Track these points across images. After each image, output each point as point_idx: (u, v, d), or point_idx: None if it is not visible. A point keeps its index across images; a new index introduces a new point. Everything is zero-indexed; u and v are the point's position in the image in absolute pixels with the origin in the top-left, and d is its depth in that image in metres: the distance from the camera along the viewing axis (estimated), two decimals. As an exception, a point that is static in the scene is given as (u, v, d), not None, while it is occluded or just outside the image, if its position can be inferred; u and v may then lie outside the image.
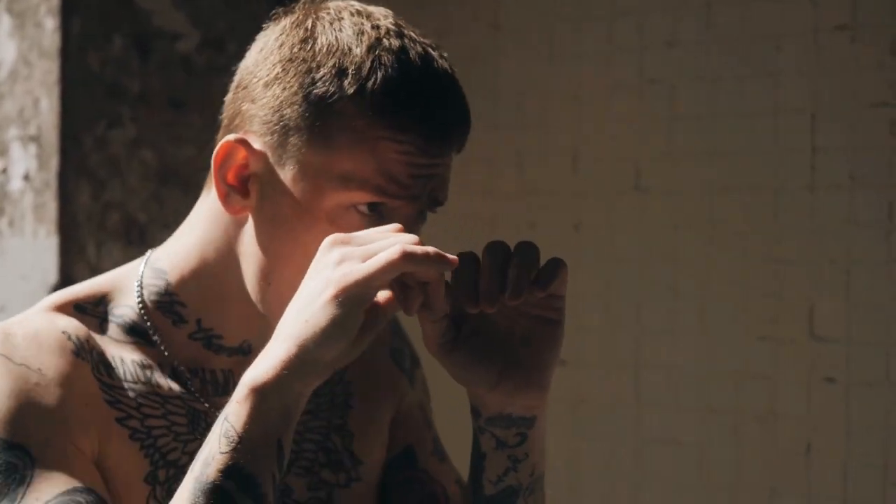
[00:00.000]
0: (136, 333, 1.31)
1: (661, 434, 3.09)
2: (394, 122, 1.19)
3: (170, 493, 1.25)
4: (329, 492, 1.36)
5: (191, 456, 1.28)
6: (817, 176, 2.88)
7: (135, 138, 3.51)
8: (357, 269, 1.10)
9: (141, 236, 3.43)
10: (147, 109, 3.53)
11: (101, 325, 1.31)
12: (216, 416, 1.26)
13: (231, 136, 1.25)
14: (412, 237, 1.13)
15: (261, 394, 1.10)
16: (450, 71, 1.27)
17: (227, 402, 1.25)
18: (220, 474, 1.08)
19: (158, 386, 1.29)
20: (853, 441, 2.84)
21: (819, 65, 2.87)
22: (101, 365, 1.28)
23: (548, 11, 3.29)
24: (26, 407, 1.18)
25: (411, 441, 1.47)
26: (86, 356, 1.27)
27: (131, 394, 1.27)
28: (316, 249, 1.18)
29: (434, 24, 3.53)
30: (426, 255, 1.11)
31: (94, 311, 1.31)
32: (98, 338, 1.30)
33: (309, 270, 1.15)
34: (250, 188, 1.25)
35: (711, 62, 3.01)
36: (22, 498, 1.11)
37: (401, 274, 1.12)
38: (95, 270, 3.29)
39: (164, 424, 1.28)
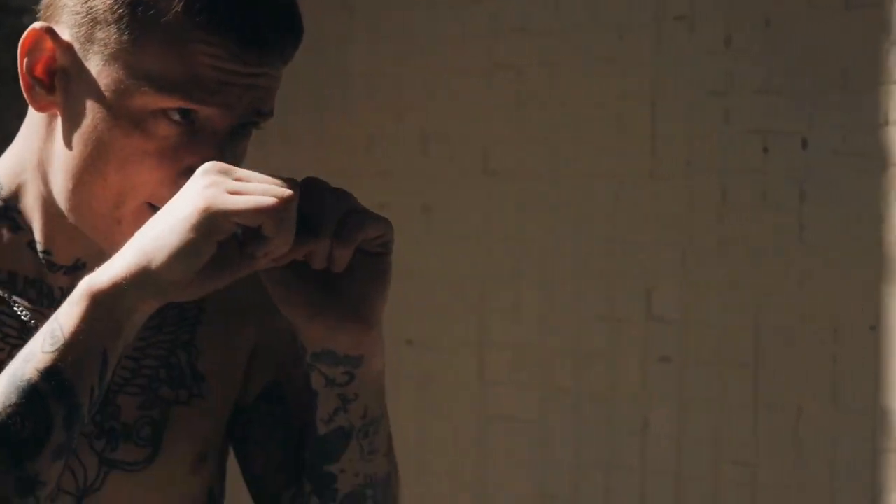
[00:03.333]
0: None
1: (504, 411, 3.17)
2: (205, 23, 1.12)
3: None
4: (164, 409, 1.29)
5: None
6: (657, 162, 2.98)
7: (-18, 112, 3.47)
8: (222, 199, 1.06)
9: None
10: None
11: None
12: None
13: (38, 25, 1.18)
14: (283, 191, 1.08)
15: (95, 300, 1.06)
16: None
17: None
18: (37, 373, 1.05)
19: None
20: (687, 418, 2.94)
21: (659, 54, 2.97)
22: None
23: (400, -4, 3.34)
24: None
25: (276, 377, 1.38)
26: None
27: None
28: (117, 152, 1.14)
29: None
30: (289, 223, 1.07)
31: None
32: None
33: (179, 193, 1.10)
34: (56, 83, 1.18)
35: (558, 49, 3.09)
36: None
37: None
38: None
39: None
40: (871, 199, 2.75)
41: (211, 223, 1.05)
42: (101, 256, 1.17)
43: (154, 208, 1.15)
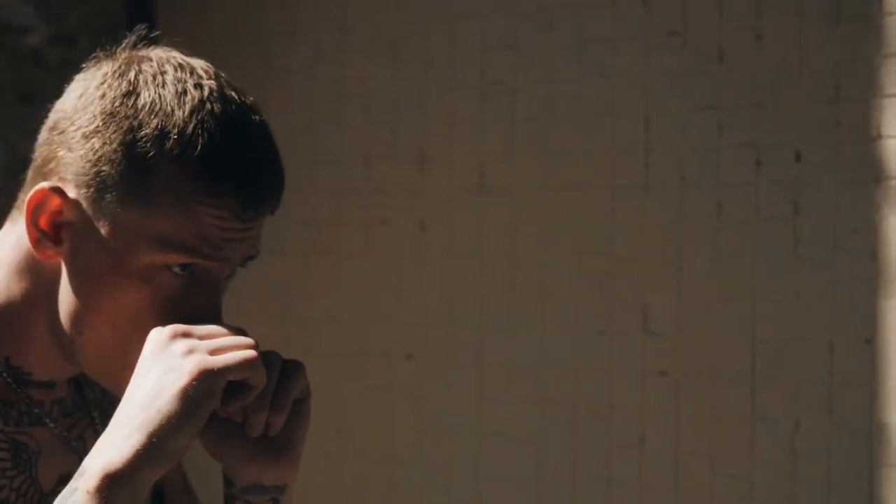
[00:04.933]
0: None
1: (501, 427, 3.17)
2: (212, 189, 1.20)
3: None
4: None
5: (17, 492, 1.27)
6: (650, 176, 2.98)
7: (-17, 133, 3.49)
8: (211, 361, 1.14)
9: None
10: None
11: None
12: (36, 448, 1.29)
13: (46, 184, 1.23)
14: (251, 341, 1.18)
15: (113, 485, 1.12)
16: (267, 135, 1.27)
17: (42, 433, 1.29)
18: None
19: None
20: (683, 432, 2.94)
21: (651, 68, 2.98)
22: None
23: (393, 14, 3.35)
24: None
25: (159, 481, 1.44)
26: None
27: None
28: (127, 306, 1.21)
29: (282, 25, 3.57)
30: (261, 366, 1.18)
31: None
32: None
33: (147, 358, 1.17)
34: (63, 236, 1.24)
35: (550, 65, 3.10)
36: None
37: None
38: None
39: None
40: (864, 211, 2.75)
41: (208, 387, 1.14)
42: (68, 373, 1.29)
43: None
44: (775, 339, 2.86)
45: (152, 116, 1.21)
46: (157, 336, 1.17)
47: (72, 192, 1.23)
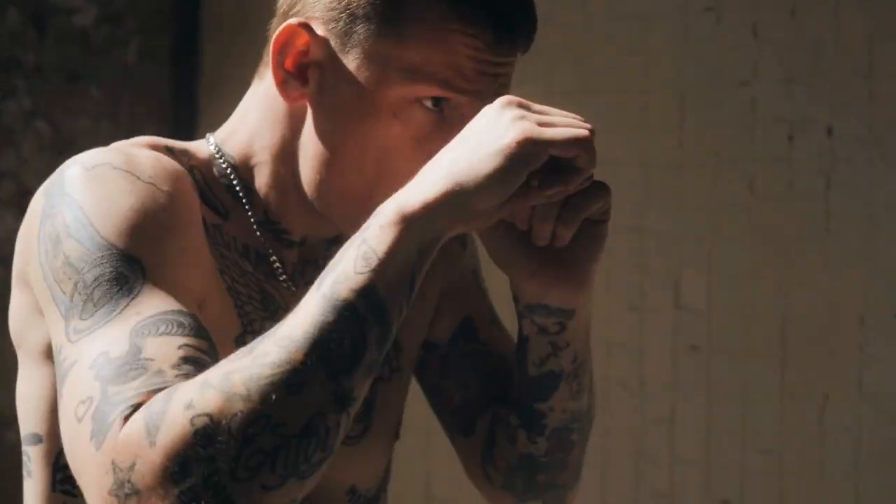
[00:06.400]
0: (209, 203, 1.26)
1: (534, 401, 3.19)
2: (466, 15, 1.15)
3: None
4: (374, 387, 1.30)
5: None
6: (684, 151, 3.00)
7: (30, 110, 3.56)
8: (538, 130, 1.07)
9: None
10: (43, 82, 3.58)
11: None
12: (287, 302, 1.24)
13: (293, 20, 1.20)
14: (588, 125, 1.11)
15: (408, 223, 1.05)
16: None
17: (294, 292, 1.24)
18: (353, 293, 1.03)
19: (235, 258, 1.26)
20: (714, 407, 2.95)
21: (687, 45, 2.99)
22: (206, 213, 1.25)
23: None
24: (151, 224, 1.12)
25: (469, 312, 1.42)
26: (202, 197, 1.24)
27: (223, 251, 1.25)
28: (375, 144, 1.17)
29: None
30: (593, 149, 1.10)
31: (183, 161, 1.26)
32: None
33: (474, 122, 1.10)
34: (309, 75, 1.20)
35: (586, 41, 3.12)
36: (124, 308, 1.06)
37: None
38: (-16, 235, 3.35)
39: (246, 293, 1.24)
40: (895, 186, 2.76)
41: (529, 154, 1.06)
42: (323, 233, 1.25)
43: None
44: (806, 314, 2.86)
45: None
46: (490, 106, 1.10)
47: (320, 29, 1.20)
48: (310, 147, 1.22)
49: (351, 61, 1.18)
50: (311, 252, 1.30)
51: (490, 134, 1.08)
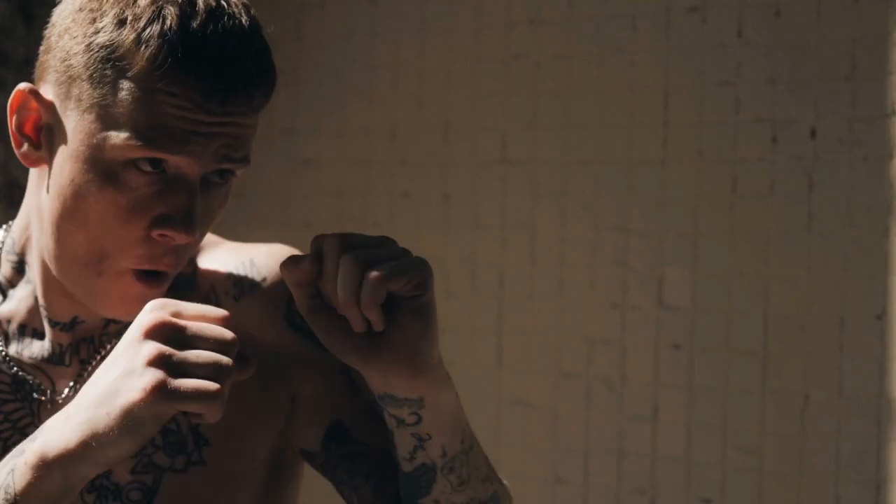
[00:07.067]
0: None
1: (519, 396, 3.21)
2: (168, 74, 1.13)
3: None
4: (157, 475, 1.29)
5: (6, 416, 1.28)
6: (668, 150, 3.01)
7: (20, 102, 3.56)
8: (168, 386, 1.04)
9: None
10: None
11: None
12: (47, 385, 1.28)
13: (22, 86, 1.22)
14: (228, 361, 1.06)
15: (48, 467, 1.08)
16: (244, 26, 1.17)
17: (61, 372, 1.27)
18: None
19: None
20: (695, 405, 2.97)
21: (671, 44, 3.00)
22: None
23: (421, -13, 3.40)
24: None
25: (336, 415, 1.35)
26: None
27: None
28: (96, 206, 1.16)
29: (314, -3, 3.63)
30: (223, 399, 1.06)
31: None
32: None
33: (118, 347, 1.09)
34: (42, 140, 1.21)
35: (572, 40, 3.13)
36: None
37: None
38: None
39: None
40: (878, 188, 2.77)
41: (156, 411, 1.05)
42: (96, 314, 1.23)
43: (137, 273, 1.19)
44: (787, 313, 2.88)
45: (113, 6, 1.16)
46: (139, 323, 1.08)
47: (49, 94, 1.21)
48: (46, 210, 1.22)
49: (70, 122, 1.18)
50: (88, 330, 1.30)
51: (126, 380, 1.06)
